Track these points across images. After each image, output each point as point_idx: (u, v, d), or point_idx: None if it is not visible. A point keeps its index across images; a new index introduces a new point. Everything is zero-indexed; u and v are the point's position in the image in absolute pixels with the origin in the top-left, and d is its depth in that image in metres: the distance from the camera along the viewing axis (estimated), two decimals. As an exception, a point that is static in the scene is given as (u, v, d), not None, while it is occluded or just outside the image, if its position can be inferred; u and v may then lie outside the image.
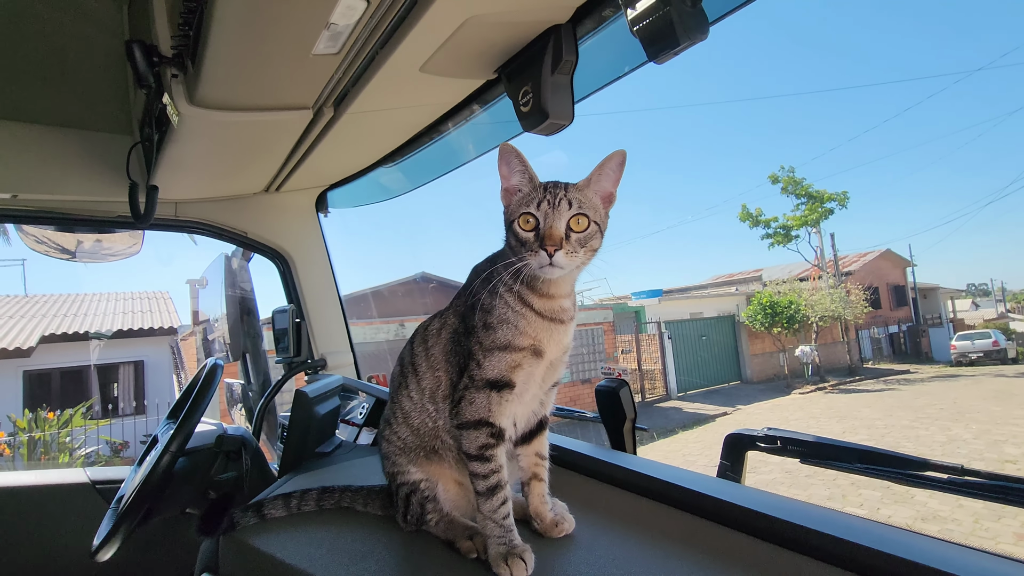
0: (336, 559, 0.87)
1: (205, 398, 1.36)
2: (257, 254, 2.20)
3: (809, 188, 18.77)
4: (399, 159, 1.83)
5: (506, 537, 0.83)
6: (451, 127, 1.60)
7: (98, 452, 9.40)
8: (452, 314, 0.96)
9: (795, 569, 0.75)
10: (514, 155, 0.86)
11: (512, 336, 0.85)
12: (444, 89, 1.32)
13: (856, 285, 19.25)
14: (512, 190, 0.88)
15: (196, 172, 1.69)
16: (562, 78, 1.13)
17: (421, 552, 0.91)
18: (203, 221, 2.01)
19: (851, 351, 19.56)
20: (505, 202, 0.89)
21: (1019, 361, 21.21)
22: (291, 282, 2.15)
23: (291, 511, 1.03)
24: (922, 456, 0.90)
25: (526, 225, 0.83)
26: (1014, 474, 0.79)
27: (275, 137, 1.49)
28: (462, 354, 0.89)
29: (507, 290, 0.86)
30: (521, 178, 0.87)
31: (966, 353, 20.63)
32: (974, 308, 37.65)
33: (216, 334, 2.57)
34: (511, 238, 0.86)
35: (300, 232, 2.15)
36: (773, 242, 19.43)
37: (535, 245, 0.81)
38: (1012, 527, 5.27)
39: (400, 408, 0.98)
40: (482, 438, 0.84)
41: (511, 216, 0.85)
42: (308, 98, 1.28)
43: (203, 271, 2.54)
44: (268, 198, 2.05)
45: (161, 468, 1.27)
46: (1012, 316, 36.46)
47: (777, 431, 0.98)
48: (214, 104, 1.22)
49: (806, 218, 18.87)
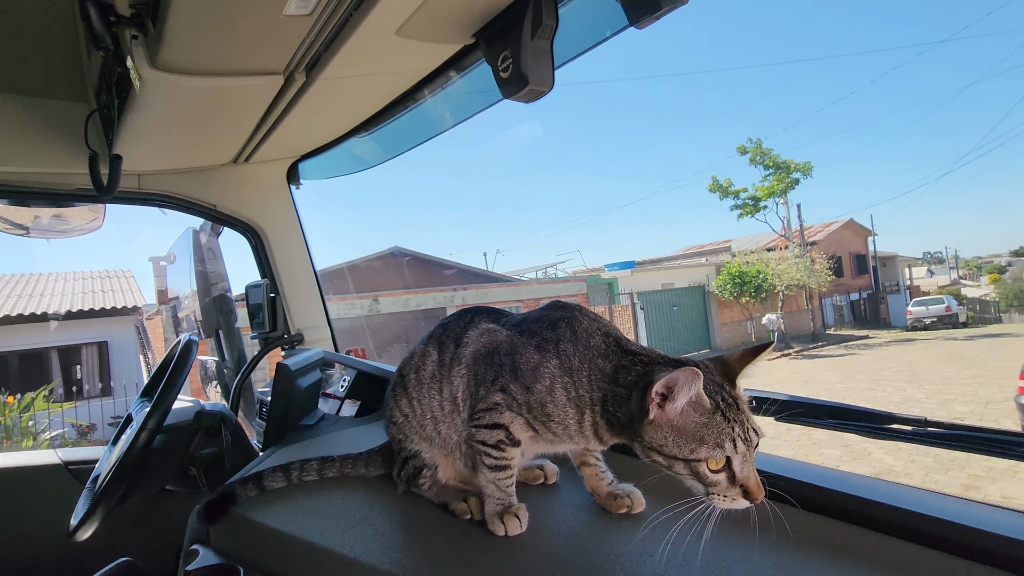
0: (331, 526, 0.88)
1: (181, 374, 1.34)
2: (227, 228, 2.13)
3: (776, 158, 19.08)
4: (374, 128, 1.78)
5: (505, 498, 0.83)
6: (427, 95, 1.56)
7: (64, 435, 9.16)
8: (508, 340, 0.86)
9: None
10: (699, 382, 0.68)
11: (558, 432, 0.80)
12: (421, 54, 1.29)
13: (820, 254, 19.84)
14: (680, 408, 0.70)
15: (160, 141, 1.61)
16: (542, 43, 1.11)
17: (415, 515, 0.92)
18: (168, 193, 1.94)
19: (815, 318, 20.27)
20: (671, 411, 0.70)
21: (969, 325, 22.40)
22: (264, 256, 2.10)
23: (292, 482, 1.03)
24: (887, 411, 0.95)
25: (716, 465, 0.68)
26: (972, 424, 0.84)
27: (244, 104, 1.43)
28: (506, 371, 0.83)
29: (591, 410, 0.77)
30: (691, 403, 0.69)
31: (921, 318, 21.67)
32: (929, 275, 39.37)
33: (186, 311, 2.51)
34: (677, 467, 0.70)
35: (272, 204, 2.09)
36: (742, 213, 19.80)
37: (734, 493, 0.68)
38: (959, 479, 5.64)
39: (425, 405, 0.92)
40: (500, 435, 0.83)
41: (689, 452, 0.68)
42: (279, 63, 1.23)
43: (169, 247, 2.46)
44: (237, 169, 1.98)
45: (139, 445, 1.25)
46: (964, 282, 38.28)
47: (752, 391, 1.02)
48: (178, 68, 1.16)
49: (773, 188, 19.24)
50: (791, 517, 0.79)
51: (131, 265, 13.96)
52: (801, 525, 0.79)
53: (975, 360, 13.07)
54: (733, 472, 0.68)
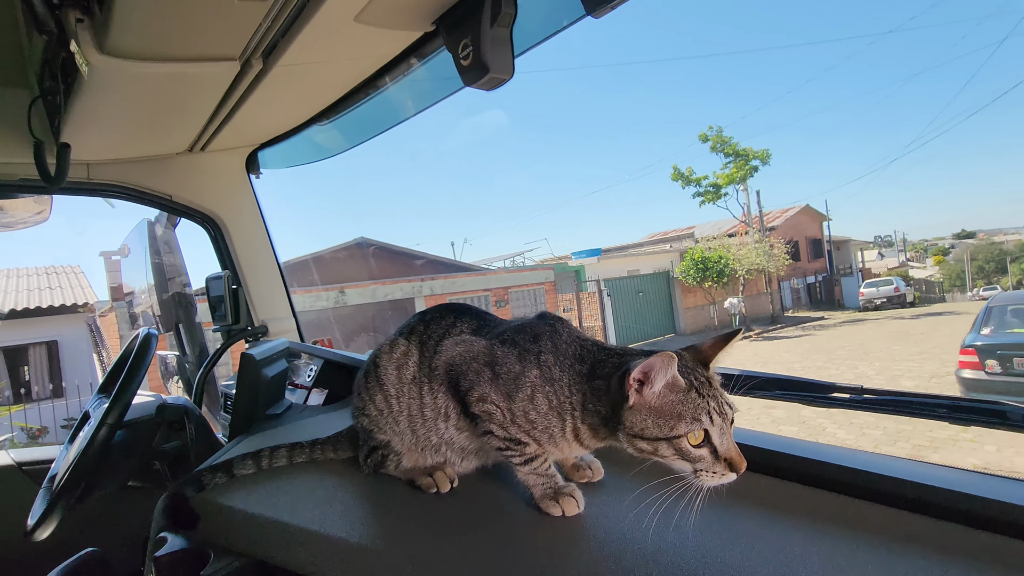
0: (301, 506, 0.89)
1: (141, 368, 1.31)
2: (184, 219, 2.08)
3: (736, 146, 19.54)
4: (335, 116, 1.76)
5: (549, 481, 0.83)
6: (388, 82, 1.55)
7: (13, 439, 8.75)
8: (491, 346, 0.87)
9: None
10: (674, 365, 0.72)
11: (543, 440, 0.82)
12: (381, 41, 1.28)
13: (779, 239, 20.50)
14: (658, 391, 0.73)
15: (110, 130, 1.55)
16: (502, 31, 1.12)
17: (384, 493, 0.94)
18: (121, 183, 1.87)
19: (773, 301, 20.98)
20: (648, 394, 0.73)
21: (916, 304, 23.57)
22: (225, 247, 2.05)
23: (262, 468, 1.03)
24: (829, 381, 1.02)
25: (696, 439, 0.71)
26: (904, 390, 0.91)
27: (199, 91, 1.39)
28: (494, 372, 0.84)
29: (572, 416, 0.79)
30: (666, 384, 0.73)
31: (872, 299, 22.70)
32: (880, 258, 41.20)
33: (142, 307, 2.43)
34: (662, 448, 0.72)
35: (231, 194, 2.04)
36: (704, 200, 20.24)
37: (720, 467, 0.71)
38: (905, 449, 5.98)
39: (403, 404, 0.93)
40: (500, 443, 0.84)
41: (669, 430, 0.71)
42: (234, 48, 1.20)
43: (123, 240, 2.37)
44: (194, 158, 1.92)
45: (99, 441, 1.23)
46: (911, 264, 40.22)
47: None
48: (127, 54, 1.12)
49: (733, 176, 19.71)
50: (775, 488, 0.85)
51: (81, 261, 13.32)
52: (783, 494, 0.84)
53: (921, 337, 13.80)
54: (714, 446, 0.71)
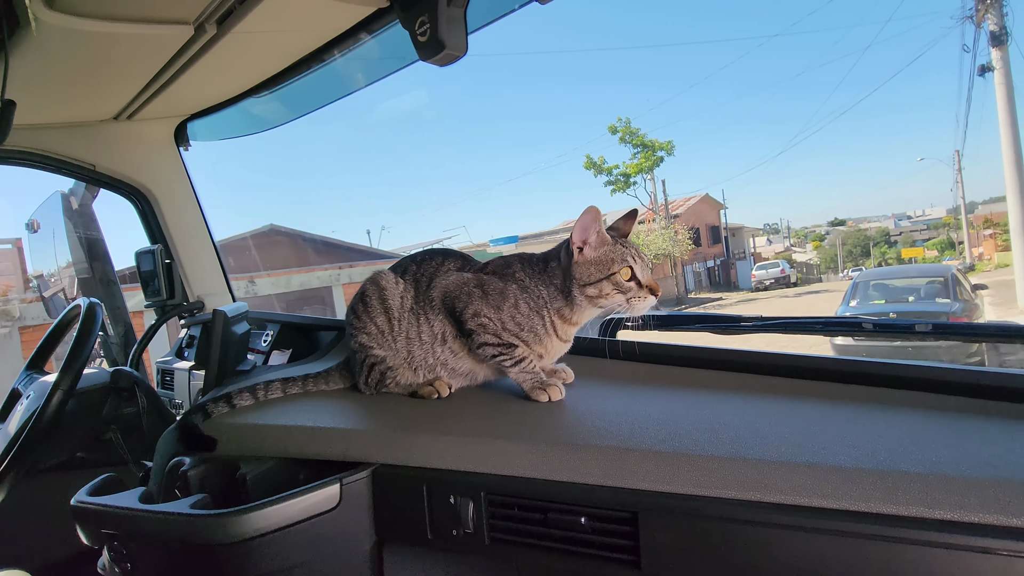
0: (312, 417, 0.98)
1: (91, 334, 1.30)
2: (108, 191, 1.98)
3: (643, 138, 20.62)
4: (274, 88, 1.77)
5: (535, 377, 1.02)
6: (337, 55, 1.60)
7: None
8: (477, 279, 1.07)
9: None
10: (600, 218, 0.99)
11: (530, 340, 1.03)
12: (336, 13, 1.34)
13: (682, 226, 21.99)
14: (594, 244, 1.00)
15: (41, 91, 1.47)
16: (457, 11, 1.23)
17: (393, 400, 1.07)
18: (37, 150, 1.75)
19: (678, 284, 22.51)
20: (588, 252, 1.00)
21: (798, 284, 26.28)
22: (155, 221, 1.98)
23: (258, 399, 1.08)
24: (736, 314, 1.25)
25: (626, 275, 0.98)
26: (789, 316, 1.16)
27: (143, 54, 1.37)
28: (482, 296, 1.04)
29: (546, 308, 1.02)
30: (598, 236, 1.00)
31: (762, 280, 25.05)
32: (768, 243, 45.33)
33: (56, 288, 2.27)
34: (604, 287, 0.98)
35: (160, 166, 1.97)
36: (615, 189, 21.21)
37: (644, 292, 0.99)
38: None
39: (403, 328, 1.08)
40: (493, 350, 1.03)
41: (607, 271, 0.98)
42: (191, 12, 1.21)
43: (31, 214, 2.19)
44: (119, 127, 1.84)
45: (52, 409, 1.21)
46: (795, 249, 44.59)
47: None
48: (80, 10, 1.11)
49: (641, 166, 20.81)
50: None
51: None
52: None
53: (802, 313, 15.48)
54: (639, 279, 0.99)
